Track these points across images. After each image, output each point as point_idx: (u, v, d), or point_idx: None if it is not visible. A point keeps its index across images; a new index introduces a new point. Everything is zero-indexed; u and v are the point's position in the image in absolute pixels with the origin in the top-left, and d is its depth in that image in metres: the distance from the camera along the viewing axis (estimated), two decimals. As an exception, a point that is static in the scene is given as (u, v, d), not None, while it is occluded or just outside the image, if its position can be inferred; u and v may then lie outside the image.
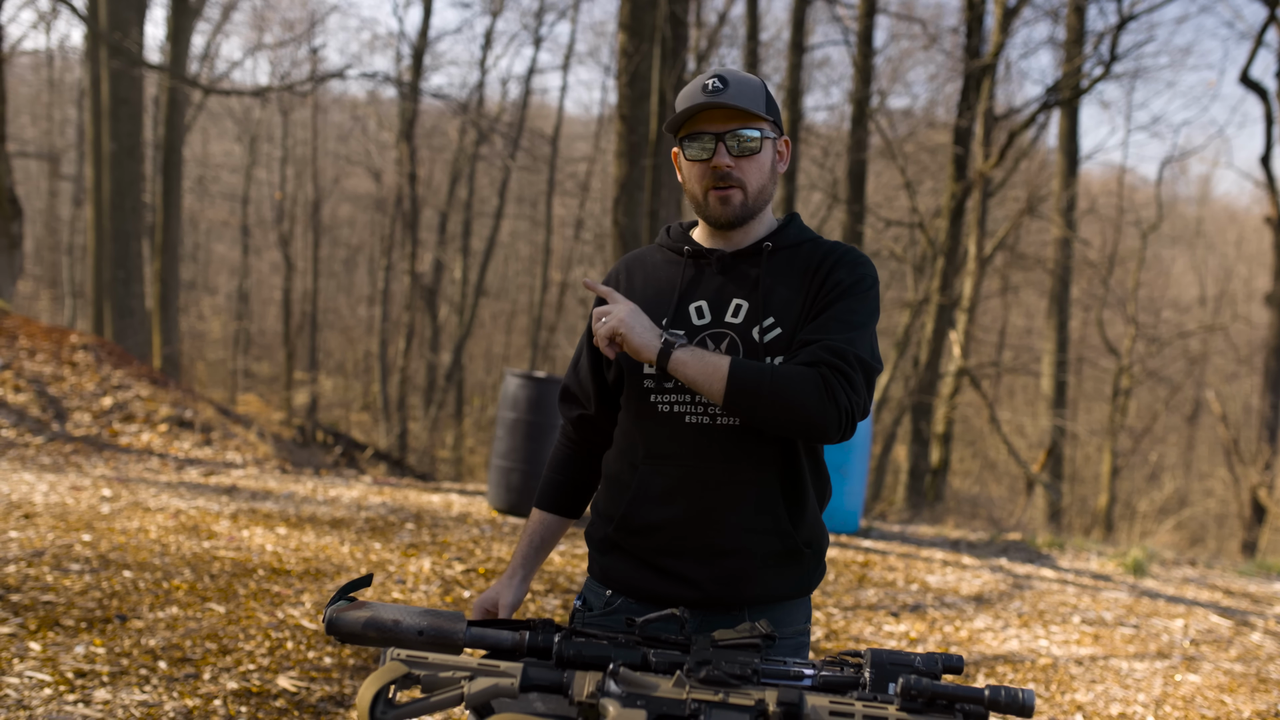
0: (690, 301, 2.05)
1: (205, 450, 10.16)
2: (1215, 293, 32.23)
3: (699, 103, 1.96)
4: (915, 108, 22.81)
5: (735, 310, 2.02)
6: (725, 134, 1.98)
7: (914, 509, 14.61)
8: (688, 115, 1.98)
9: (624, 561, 2.09)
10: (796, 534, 2.04)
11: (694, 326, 2.03)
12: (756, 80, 2.02)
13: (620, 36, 12.21)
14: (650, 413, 2.04)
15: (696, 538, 2.01)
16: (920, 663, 1.60)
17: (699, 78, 2.01)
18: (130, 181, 18.58)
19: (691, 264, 2.09)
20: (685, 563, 2.02)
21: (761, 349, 1.98)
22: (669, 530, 2.02)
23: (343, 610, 1.67)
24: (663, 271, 2.12)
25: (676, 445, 2.02)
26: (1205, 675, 5.39)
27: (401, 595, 5.64)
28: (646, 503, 2.04)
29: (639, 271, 2.16)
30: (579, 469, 2.26)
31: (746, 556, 2.01)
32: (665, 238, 2.17)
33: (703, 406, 2.01)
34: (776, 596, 2.06)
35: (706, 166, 2.00)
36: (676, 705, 1.49)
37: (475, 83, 28.06)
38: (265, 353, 32.38)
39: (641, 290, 2.11)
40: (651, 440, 2.05)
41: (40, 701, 3.72)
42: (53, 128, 31.64)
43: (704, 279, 2.07)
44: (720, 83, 1.97)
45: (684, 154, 2.03)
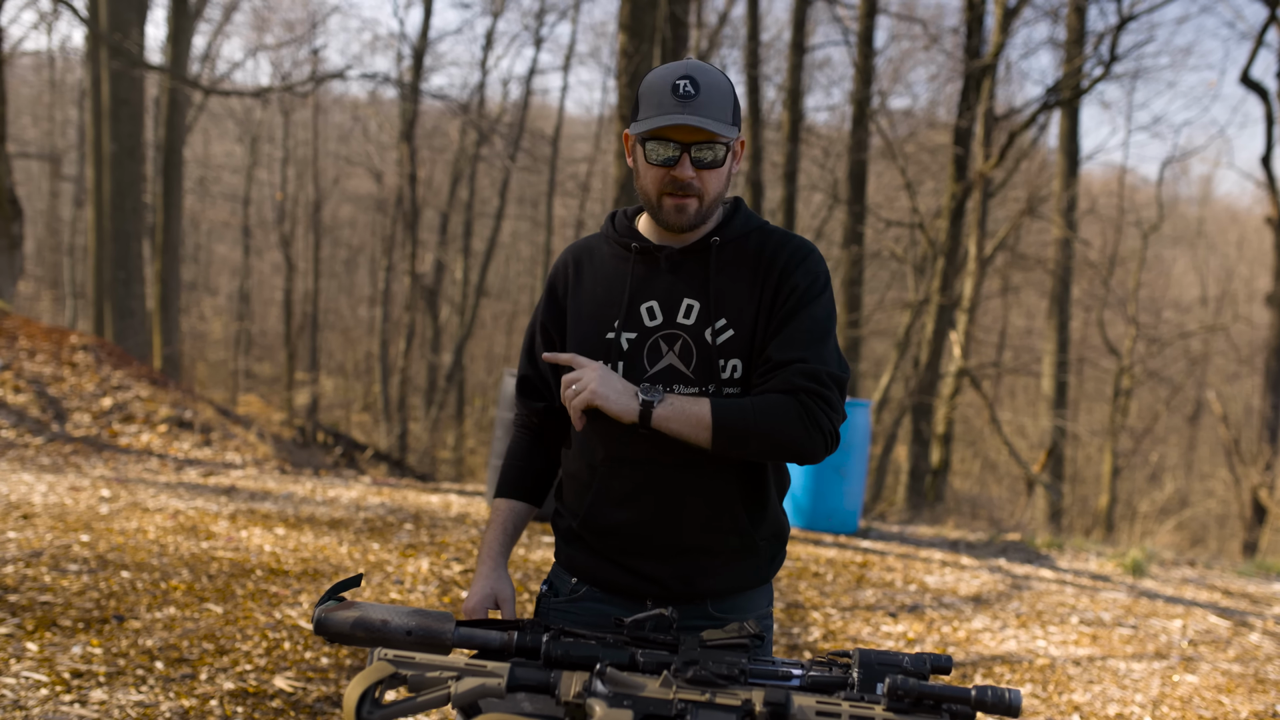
0: (641, 301, 2.02)
1: (205, 451, 10.16)
2: (1216, 293, 32.21)
3: (669, 119, 1.89)
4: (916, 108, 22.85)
5: (687, 311, 2.00)
6: (691, 145, 1.92)
7: (914, 509, 14.61)
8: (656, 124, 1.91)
9: (588, 554, 2.10)
10: (755, 531, 2.06)
11: (646, 328, 2.01)
12: (726, 82, 1.96)
13: (620, 37, 12.21)
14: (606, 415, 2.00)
15: (657, 538, 2.03)
16: (908, 663, 1.60)
17: (669, 70, 1.94)
18: (131, 182, 18.59)
19: (640, 261, 2.05)
20: (647, 561, 2.04)
21: (715, 351, 1.99)
22: (629, 530, 2.04)
23: (332, 610, 1.67)
24: (611, 267, 2.08)
25: (634, 448, 2.00)
26: (1203, 676, 5.38)
27: (399, 596, 5.64)
28: (607, 504, 2.05)
29: (587, 266, 2.11)
30: (543, 458, 2.24)
31: (706, 554, 2.04)
32: (611, 229, 2.12)
33: None
34: (737, 588, 2.09)
35: (666, 173, 1.94)
36: (663, 705, 1.49)
37: (476, 83, 28.14)
38: (266, 353, 32.40)
39: (591, 288, 2.08)
40: (609, 443, 2.03)
41: (37, 702, 3.72)
42: (54, 128, 31.67)
43: (653, 277, 2.04)
44: (691, 87, 1.89)
45: (644, 153, 1.95)
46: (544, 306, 2.15)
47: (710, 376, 1.99)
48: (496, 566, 2.15)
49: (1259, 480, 18.03)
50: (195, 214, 31.55)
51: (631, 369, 2.00)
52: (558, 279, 2.14)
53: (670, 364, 2.00)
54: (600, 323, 2.04)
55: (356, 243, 34.59)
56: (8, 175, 13.05)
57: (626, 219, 2.12)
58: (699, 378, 2.00)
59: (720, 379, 1.99)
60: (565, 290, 2.12)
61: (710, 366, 1.99)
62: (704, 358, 1.99)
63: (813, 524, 8.42)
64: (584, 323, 2.06)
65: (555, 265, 2.16)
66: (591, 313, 2.06)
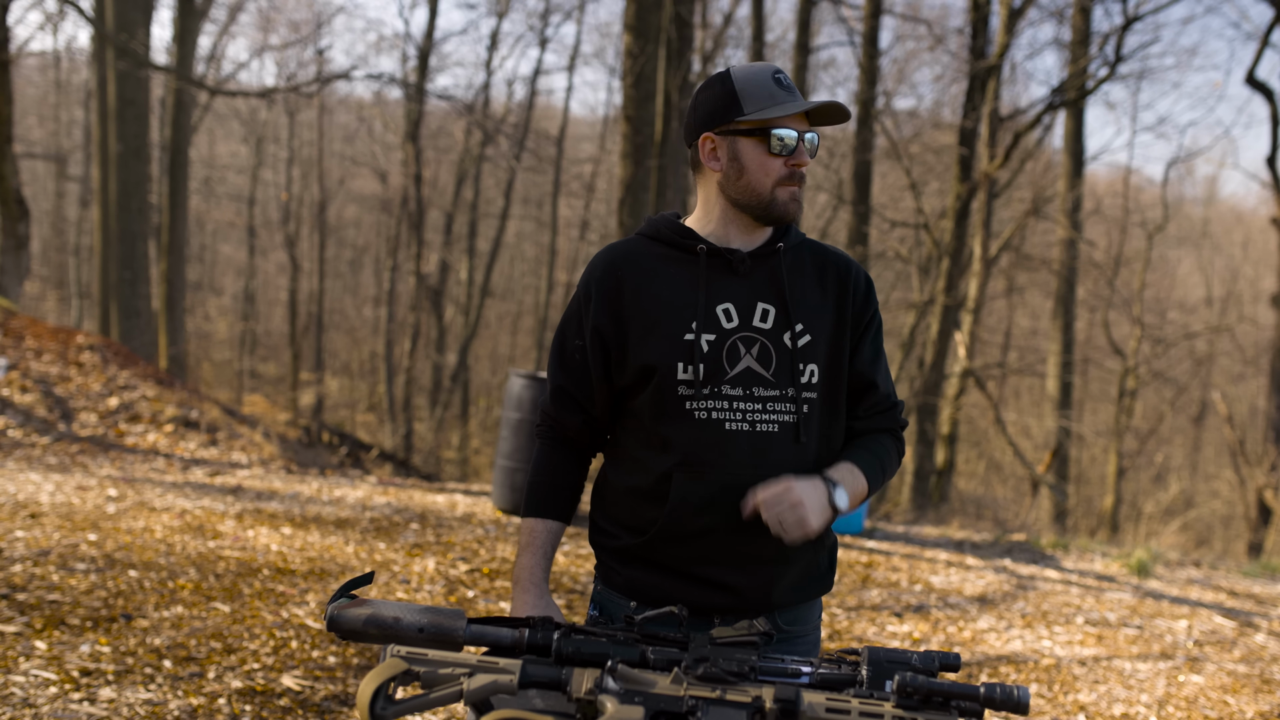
0: (717, 303, 2.00)
1: (211, 450, 10.18)
2: (1221, 294, 32.14)
3: (802, 104, 1.94)
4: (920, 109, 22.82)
5: (763, 315, 2.00)
6: (806, 133, 1.97)
7: (919, 510, 14.60)
8: (798, 109, 1.94)
9: (651, 572, 2.04)
10: (825, 536, 2.09)
11: (724, 330, 1.98)
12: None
13: (625, 38, 12.22)
14: (687, 419, 1.98)
15: (737, 545, 1.99)
16: (917, 660, 1.61)
17: (759, 69, 1.98)
18: (137, 182, 18.63)
19: (708, 262, 2.02)
20: (721, 569, 2.00)
21: (795, 354, 1.99)
22: (709, 539, 1.99)
23: (344, 608, 1.68)
24: (673, 269, 2.02)
25: (716, 453, 1.97)
26: (1208, 676, 5.38)
27: (406, 595, 5.65)
28: (686, 512, 1.98)
29: (644, 270, 2.04)
30: (575, 473, 2.16)
31: (781, 562, 2.02)
32: (659, 232, 2.07)
33: (742, 413, 1.97)
34: (805, 598, 2.08)
35: (785, 162, 1.96)
36: (674, 702, 1.50)
37: (481, 84, 28.15)
38: (271, 353, 32.43)
39: (657, 291, 2.01)
40: (688, 447, 1.98)
41: (46, 700, 3.73)
42: (59, 129, 31.73)
43: (725, 280, 2.01)
44: (787, 79, 1.97)
45: (768, 145, 1.95)
46: (595, 311, 2.03)
47: (790, 380, 1.99)
48: (542, 594, 2.06)
49: (1264, 481, 18.00)
50: (200, 214, 31.59)
51: (712, 370, 1.97)
52: (608, 284, 2.04)
53: (749, 366, 1.98)
54: (676, 325, 1.98)
55: (361, 243, 34.61)
56: (14, 175, 13.08)
57: (672, 223, 2.08)
58: (779, 380, 1.99)
59: (799, 383, 1.99)
60: (619, 295, 2.03)
61: (790, 370, 1.99)
62: (783, 361, 1.99)
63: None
64: (658, 326, 1.99)
65: (598, 271, 2.06)
66: (664, 316, 1.99)
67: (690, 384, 1.97)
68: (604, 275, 2.06)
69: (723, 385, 1.97)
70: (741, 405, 1.97)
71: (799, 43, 16.62)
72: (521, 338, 32.77)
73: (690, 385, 1.97)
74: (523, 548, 2.10)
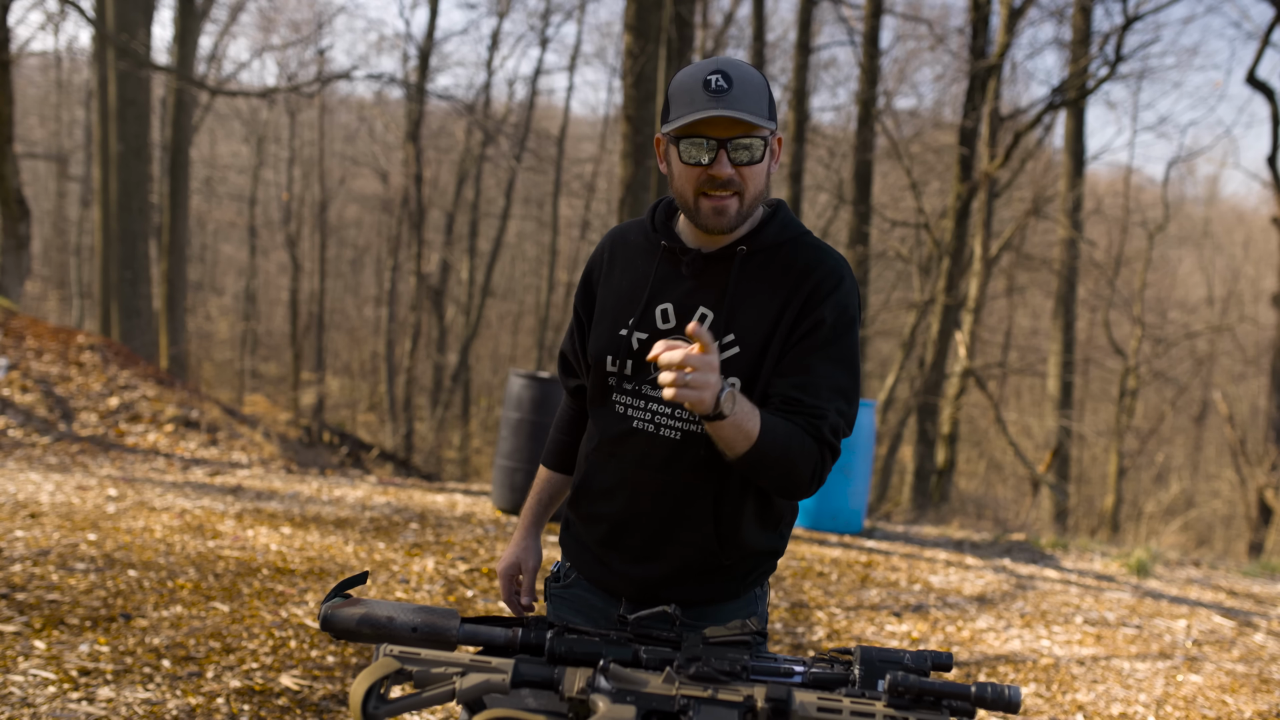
0: (658, 303, 1.99)
1: (211, 450, 10.19)
2: (1222, 293, 32.13)
3: (704, 113, 1.80)
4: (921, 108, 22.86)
5: (700, 320, 1.95)
6: (729, 141, 1.83)
7: (919, 509, 14.61)
8: (691, 119, 1.82)
9: (575, 542, 2.15)
10: (722, 553, 2.00)
11: (658, 330, 1.98)
12: (759, 77, 1.88)
13: (626, 37, 12.23)
14: (608, 409, 2.04)
15: (628, 537, 2.04)
16: (909, 660, 1.62)
17: (699, 68, 1.86)
18: (138, 182, 18.64)
19: (664, 260, 2.01)
20: (619, 556, 2.05)
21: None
22: (606, 524, 2.06)
23: (338, 607, 1.69)
24: (638, 262, 2.05)
25: (622, 446, 2.02)
26: (1207, 676, 5.39)
27: (405, 595, 5.66)
28: (590, 493, 2.08)
29: (620, 255, 2.10)
30: (580, 431, 2.23)
31: (671, 563, 2.01)
32: (650, 220, 2.08)
33: (650, 414, 1.98)
34: (705, 600, 2.04)
35: (703, 172, 1.86)
36: (666, 701, 1.50)
37: (481, 84, 28.18)
38: (272, 353, 32.44)
39: (618, 280, 2.07)
40: (602, 433, 2.06)
41: (45, 699, 3.74)
42: (60, 129, 31.75)
43: (674, 279, 2.00)
44: (724, 81, 1.81)
45: (679, 154, 1.87)
46: (581, 290, 2.15)
47: None
48: (528, 535, 2.21)
49: (1265, 481, 18.00)
50: (201, 214, 31.60)
51: (638, 369, 1.99)
52: (595, 265, 2.14)
53: None
54: (618, 317, 2.03)
55: (362, 243, 34.63)
56: (15, 175, 13.09)
57: (666, 213, 2.08)
58: None
59: None
60: (599, 277, 2.11)
61: None
62: None
63: (818, 524, 8.43)
64: (606, 314, 2.06)
65: (596, 249, 2.16)
66: (614, 304, 2.05)
67: (615, 376, 2.02)
68: (596, 255, 2.16)
69: (644, 385, 1.99)
70: (654, 407, 1.98)
71: (800, 42, 16.63)
72: (522, 338, 32.78)
73: (615, 378, 2.02)
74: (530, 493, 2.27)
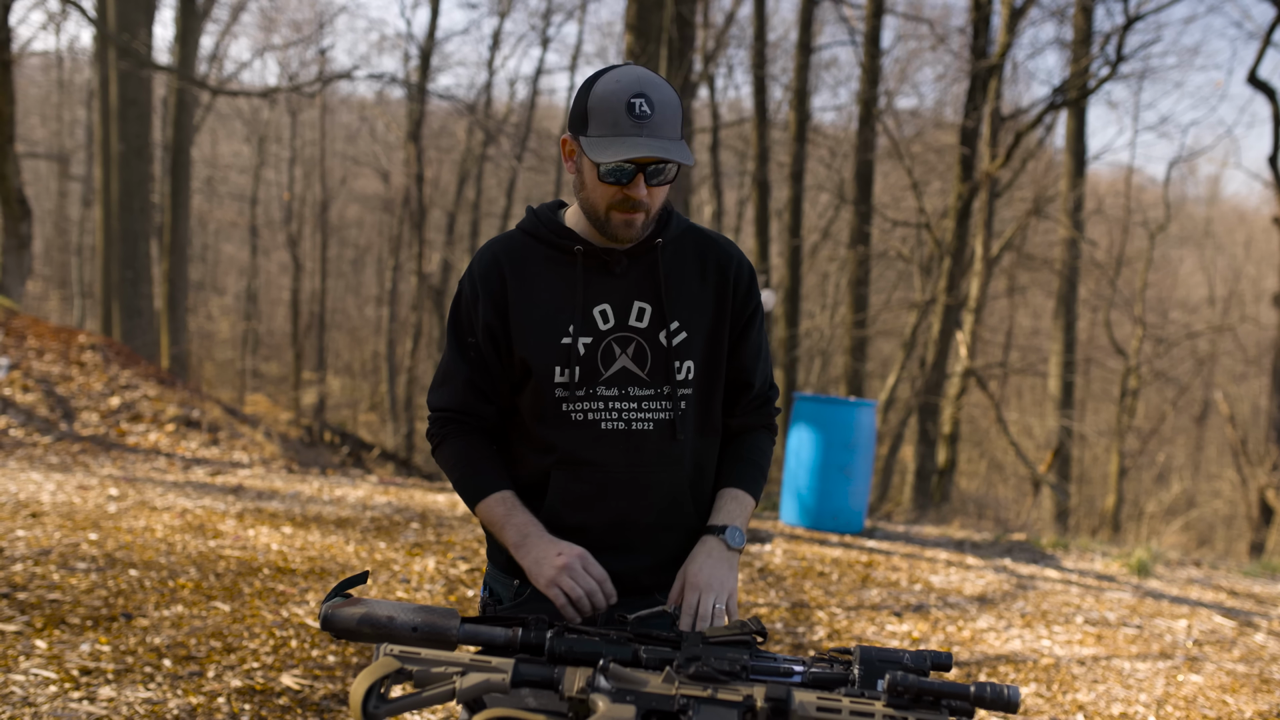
0: (594, 305, 2.01)
1: (212, 450, 10.20)
2: (1224, 293, 32.13)
3: (631, 147, 1.82)
4: (922, 108, 22.86)
5: (639, 314, 2.02)
6: (648, 166, 1.87)
7: (920, 509, 14.61)
8: (616, 158, 1.83)
9: None
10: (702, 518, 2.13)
11: (600, 331, 2.01)
12: (674, 96, 1.89)
13: (627, 37, 12.23)
14: (563, 420, 2.01)
15: (612, 538, 2.05)
16: (909, 660, 1.62)
17: (620, 85, 1.86)
18: (139, 182, 18.66)
19: (585, 263, 2.02)
20: (598, 554, 2.02)
21: (670, 353, 2.02)
22: (586, 533, 2.04)
23: (338, 606, 1.69)
24: (553, 271, 2.03)
25: (592, 451, 2.02)
26: (1208, 676, 5.39)
27: (406, 594, 5.66)
28: (565, 507, 2.04)
29: (524, 268, 2.04)
30: (501, 456, 2.16)
31: (658, 550, 2.08)
32: (539, 228, 2.06)
33: (617, 412, 2.01)
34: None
35: (619, 190, 1.90)
36: (665, 700, 1.51)
37: (483, 83, 28.20)
38: (273, 353, 32.46)
39: (537, 292, 2.03)
40: (565, 446, 2.02)
41: (46, 699, 3.74)
42: (62, 129, 31.77)
43: (602, 280, 2.02)
44: (647, 106, 1.84)
45: (596, 171, 1.89)
46: (484, 310, 2.03)
47: (665, 378, 2.03)
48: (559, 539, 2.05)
49: (1266, 481, 17.99)
50: (203, 214, 31.62)
51: (587, 372, 2.00)
52: (493, 283, 2.04)
53: (624, 366, 2.02)
54: (554, 327, 2.00)
55: (363, 243, 34.65)
56: (16, 175, 13.10)
57: (553, 217, 2.07)
58: (654, 379, 2.02)
59: (675, 380, 2.02)
60: (504, 292, 2.03)
61: (665, 368, 2.02)
62: (659, 360, 2.02)
63: (818, 523, 8.43)
64: (536, 327, 2.01)
65: (481, 266, 2.06)
66: (543, 317, 2.01)
67: (566, 386, 2.00)
68: (488, 273, 2.05)
69: (598, 386, 2.00)
70: (617, 405, 2.01)
71: (801, 42, 16.63)
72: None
73: (566, 388, 2.00)
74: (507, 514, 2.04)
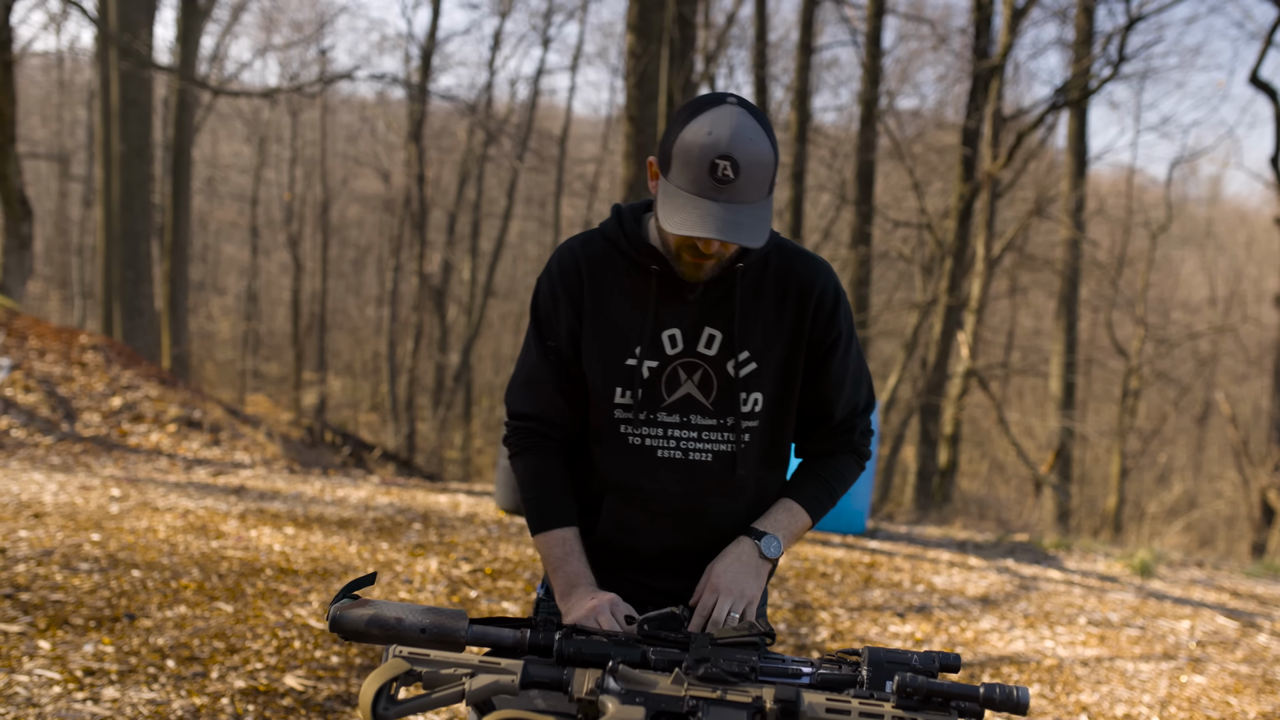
0: (664, 329, 1.94)
1: (214, 450, 10.20)
2: (1225, 294, 32.11)
3: (701, 227, 1.73)
4: (924, 108, 22.83)
5: (709, 341, 1.95)
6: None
7: (921, 510, 14.60)
8: (690, 232, 1.74)
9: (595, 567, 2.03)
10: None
11: (667, 356, 1.95)
12: (768, 155, 1.77)
13: (628, 38, 12.23)
14: (620, 443, 1.97)
15: (668, 560, 2.02)
16: (917, 661, 1.62)
17: (710, 140, 1.74)
18: (140, 182, 18.65)
19: (659, 284, 1.94)
20: (650, 576, 2.03)
21: (737, 384, 1.95)
22: (636, 556, 2.02)
23: (346, 608, 1.69)
24: (627, 285, 1.96)
25: (647, 479, 1.97)
26: (1211, 676, 5.38)
27: (408, 595, 5.66)
28: (615, 532, 2.01)
29: (602, 278, 1.98)
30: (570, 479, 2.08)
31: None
32: (620, 237, 1.98)
33: (675, 440, 1.96)
34: None
35: (690, 240, 1.82)
36: (675, 702, 1.51)
37: (484, 84, 28.13)
38: (274, 353, 32.45)
39: (610, 306, 1.97)
40: (621, 471, 1.98)
41: (49, 699, 3.74)
42: (63, 129, 31.77)
43: (674, 303, 1.95)
44: (731, 170, 1.72)
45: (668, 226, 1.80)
46: (566, 314, 1.98)
47: (730, 409, 1.95)
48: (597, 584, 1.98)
49: (1268, 481, 17.98)
50: (203, 214, 31.62)
51: (649, 396, 1.95)
52: (570, 280, 1.99)
53: (688, 393, 1.95)
54: (621, 347, 1.95)
55: (364, 243, 34.63)
56: (17, 175, 13.10)
57: (636, 225, 1.99)
58: (718, 410, 1.96)
59: (740, 412, 1.95)
60: (581, 297, 1.98)
61: (730, 399, 1.95)
62: (724, 390, 1.95)
63: (820, 524, 8.43)
64: (603, 344, 1.96)
65: (561, 266, 2.00)
66: (611, 334, 1.96)
67: (627, 408, 1.95)
68: (567, 274, 1.99)
69: (659, 412, 1.95)
70: (676, 433, 1.96)
71: (802, 43, 16.62)
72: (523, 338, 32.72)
73: (627, 409, 1.95)
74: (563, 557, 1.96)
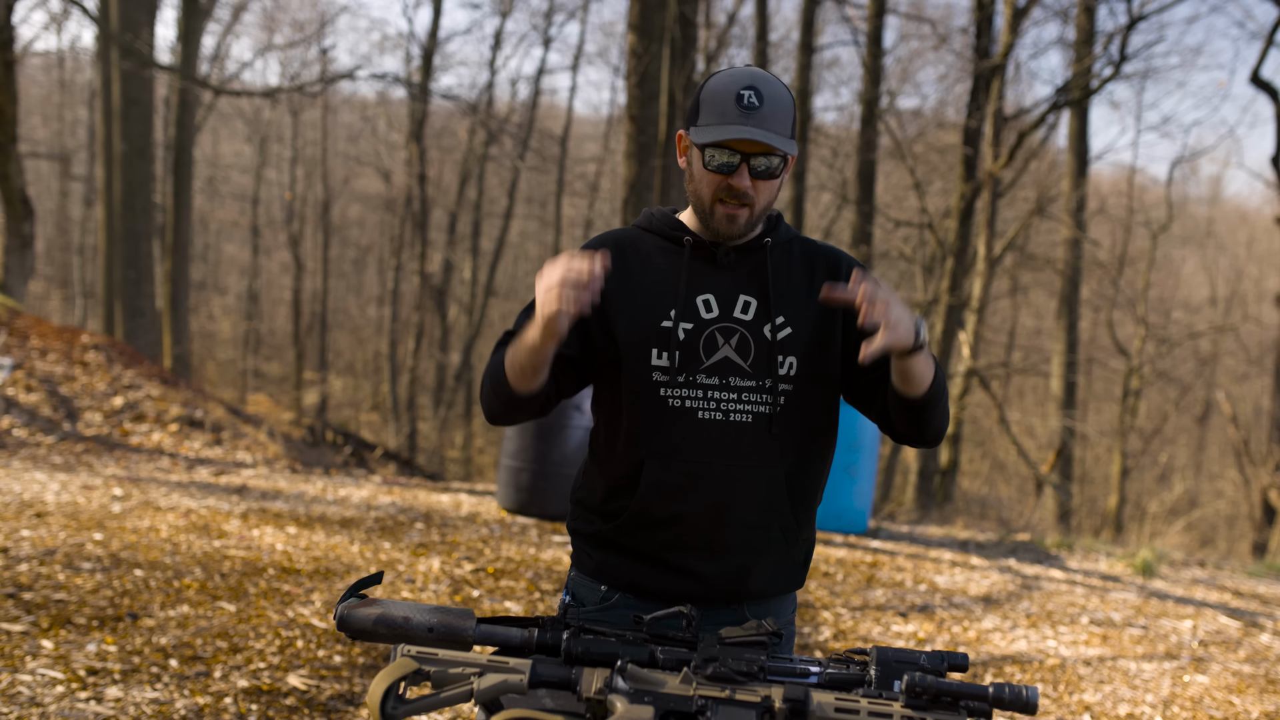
0: (697, 294, 2.02)
1: (215, 450, 10.20)
2: (1226, 293, 32.12)
3: (734, 131, 1.89)
4: (925, 108, 22.81)
5: (744, 307, 2.01)
6: (753, 156, 1.92)
7: (923, 509, 14.60)
8: (724, 137, 1.89)
9: (622, 557, 2.05)
10: (800, 531, 2.07)
11: (703, 320, 2.00)
12: (788, 96, 1.95)
13: (629, 37, 12.23)
14: (660, 406, 1.99)
15: (705, 533, 2.00)
16: (925, 660, 1.61)
17: (734, 78, 1.93)
18: (141, 182, 18.65)
19: (694, 254, 2.05)
20: (691, 556, 2.01)
21: (774, 346, 2.00)
22: (677, 526, 2.00)
23: (354, 607, 1.69)
24: (660, 259, 2.06)
25: (688, 442, 1.99)
26: (1214, 676, 5.38)
27: (411, 594, 5.66)
28: (656, 498, 2.00)
29: (631, 255, 2.07)
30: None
31: (752, 552, 2.02)
32: (652, 223, 2.11)
33: (716, 402, 1.99)
34: (775, 591, 2.09)
35: (723, 180, 1.94)
36: (683, 701, 1.51)
37: (485, 83, 28.09)
38: (275, 353, 32.45)
39: (640, 277, 2.05)
40: (660, 434, 2.00)
41: (53, 699, 3.74)
42: (64, 128, 31.78)
43: (708, 272, 2.03)
44: (755, 98, 1.90)
45: (703, 160, 1.95)
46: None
47: (768, 371, 2.00)
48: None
49: (1269, 481, 17.98)
50: (205, 213, 31.62)
51: (688, 359, 1.99)
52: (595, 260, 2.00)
53: (726, 356, 2.00)
54: (655, 311, 2.01)
55: (365, 242, 34.64)
56: (19, 175, 13.10)
57: (667, 216, 2.11)
58: (756, 372, 2.00)
59: (777, 374, 2.00)
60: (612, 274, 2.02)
61: (769, 361, 2.00)
62: (762, 353, 2.00)
63: (822, 524, 8.42)
64: (637, 310, 2.01)
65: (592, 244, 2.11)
66: (644, 301, 2.02)
67: (665, 370, 1.99)
68: (596, 247, 2.07)
69: (698, 374, 1.99)
70: (716, 395, 1.99)
71: (803, 42, 16.62)
72: (525, 337, 32.67)
73: (665, 372, 1.99)
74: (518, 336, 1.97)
